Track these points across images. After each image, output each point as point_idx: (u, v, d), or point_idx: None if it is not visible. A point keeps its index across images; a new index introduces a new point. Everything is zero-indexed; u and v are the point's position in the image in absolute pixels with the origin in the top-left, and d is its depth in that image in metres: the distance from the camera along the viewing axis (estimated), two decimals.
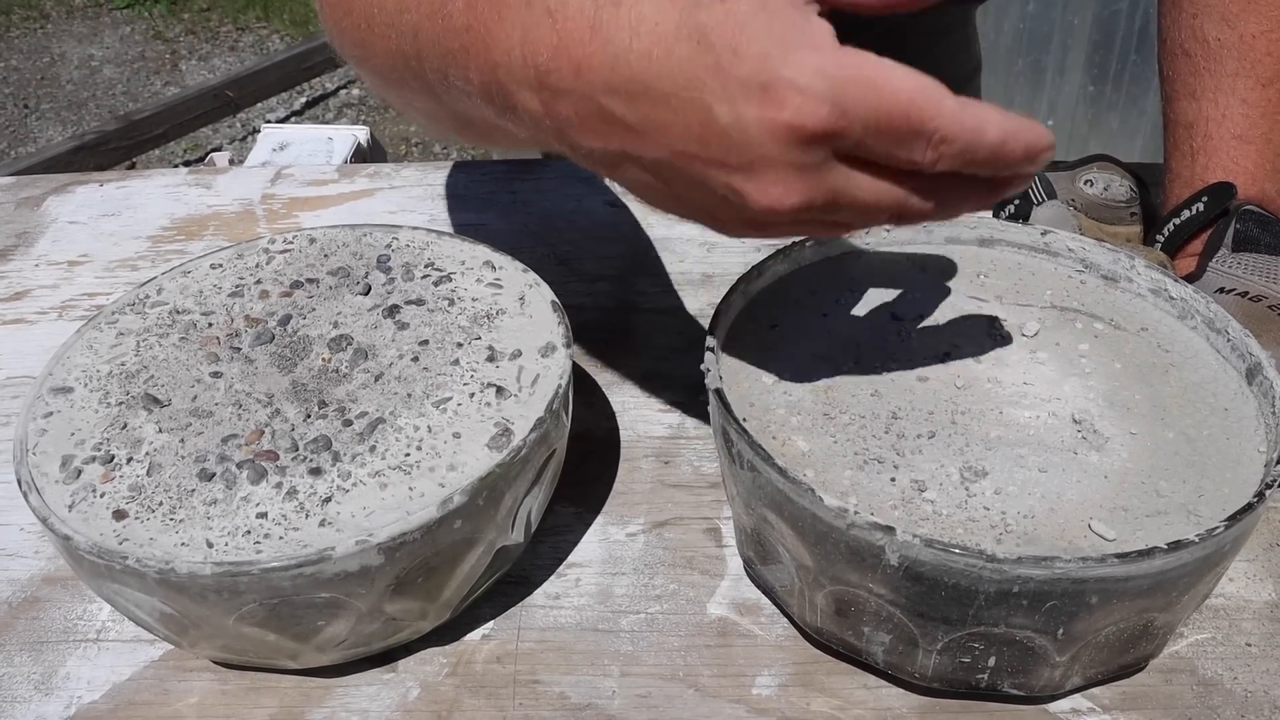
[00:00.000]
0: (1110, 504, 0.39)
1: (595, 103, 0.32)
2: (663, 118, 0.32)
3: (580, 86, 0.32)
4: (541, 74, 0.34)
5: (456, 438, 0.42)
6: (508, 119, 0.37)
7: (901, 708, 0.42)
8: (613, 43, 0.31)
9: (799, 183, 0.32)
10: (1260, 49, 0.56)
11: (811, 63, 0.30)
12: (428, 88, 0.41)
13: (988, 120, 0.32)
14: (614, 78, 0.32)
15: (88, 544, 0.38)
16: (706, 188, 0.33)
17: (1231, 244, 0.54)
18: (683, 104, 0.31)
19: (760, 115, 0.30)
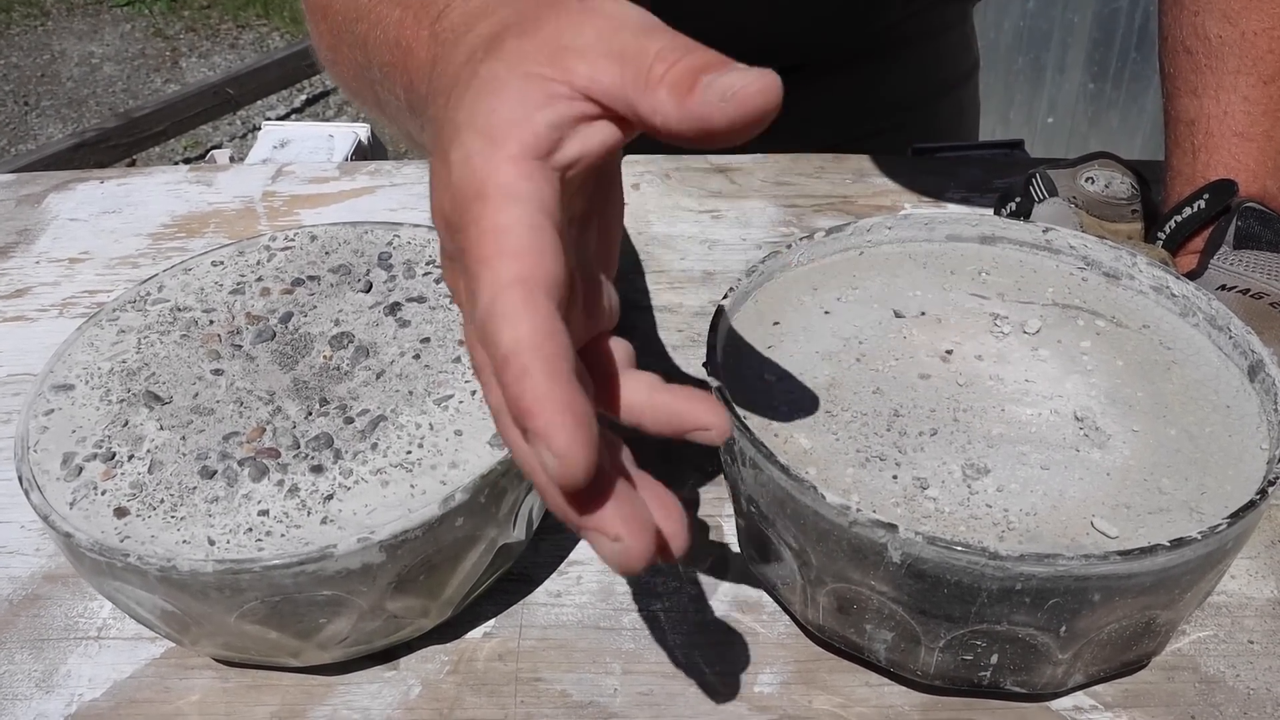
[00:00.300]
0: (1112, 501, 0.39)
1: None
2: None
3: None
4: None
5: (458, 435, 0.42)
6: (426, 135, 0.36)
7: (904, 705, 0.42)
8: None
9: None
10: (1262, 46, 0.56)
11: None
12: (376, 100, 0.40)
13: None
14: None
15: (89, 541, 0.38)
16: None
17: (1233, 241, 0.54)
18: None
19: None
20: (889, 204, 0.72)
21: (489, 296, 0.25)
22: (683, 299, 0.64)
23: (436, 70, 0.32)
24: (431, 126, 0.31)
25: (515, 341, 0.24)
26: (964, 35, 0.91)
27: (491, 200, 0.26)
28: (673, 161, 0.76)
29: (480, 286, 0.25)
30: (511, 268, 0.25)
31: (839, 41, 0.80)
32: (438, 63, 0.32)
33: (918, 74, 0.86)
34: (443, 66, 0.31)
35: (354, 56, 0.41)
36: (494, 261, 0.25)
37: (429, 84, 0.32)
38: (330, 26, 0.44)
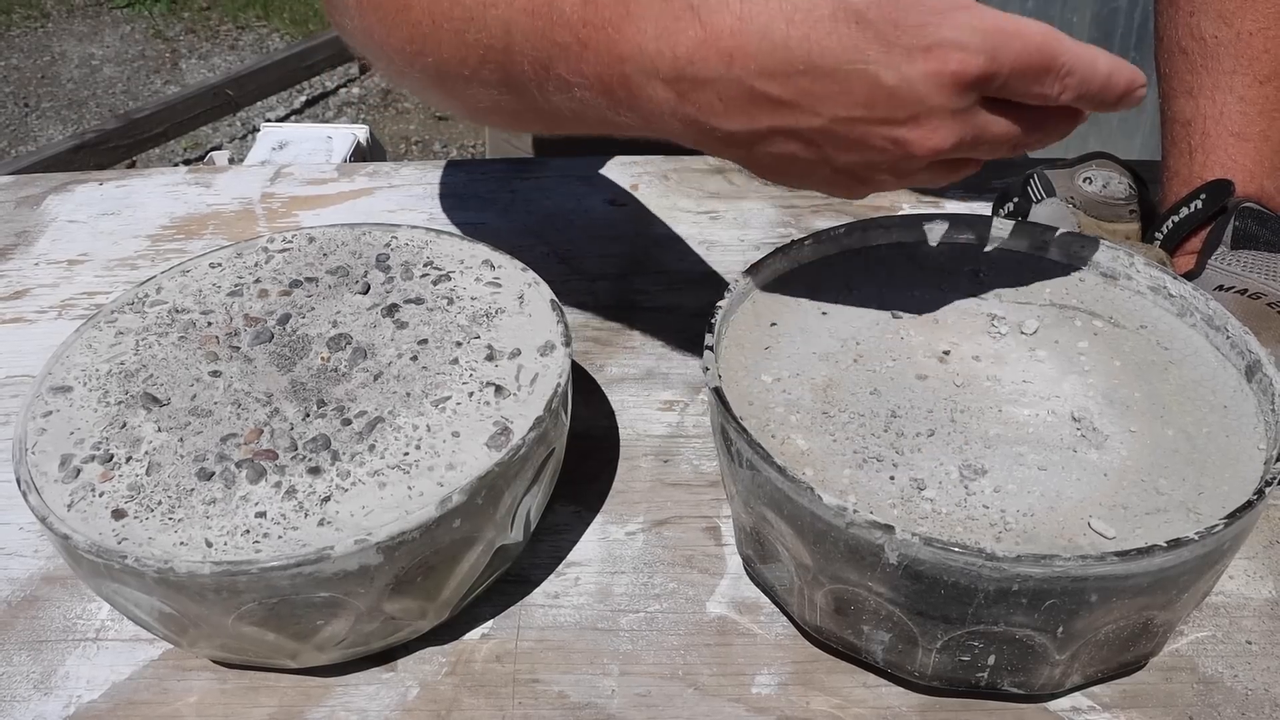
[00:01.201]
0: (1110, 502, 0.39)
1: (746, 86, 0.36)
2: (826, 90, 0.36)
3: (732, 72, 0.36)
4: (681, 65, 0.37)
5: (455, 437, 0.42)
6: (623, 112, 0.40)
7: (901, 706, 0.42)
8: (768, 31, 0.35)
9: (956, 126, 0.37)
10: (1257, 46, 0.56)
11: (965, 21, 0.35)
12: (512, 81, 0.43)
13: (1098, 55, 0.37)
14: (770, 61, 0.36)
15: (87, 543, 0.38)
16: (865, 145, 0.38)
17: (1230, 241, 0.54)
18: (847, 75, 0.36)
19: (926, 72, 0.35)
20: (887, 204, 0.72)
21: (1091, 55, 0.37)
22: (681, 300, 0.64)
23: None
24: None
25: (1104, 65, 0.37)
26: None
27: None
28: (671, 163, 0.76)
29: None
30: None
31: None
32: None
33: None
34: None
35: (479, 40, 0.42)
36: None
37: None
38: (423, 16, 0.44)
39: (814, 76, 0.36)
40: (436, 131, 3.14)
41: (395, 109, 3.25)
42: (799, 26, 0.35)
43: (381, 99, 3.30)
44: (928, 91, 0.36)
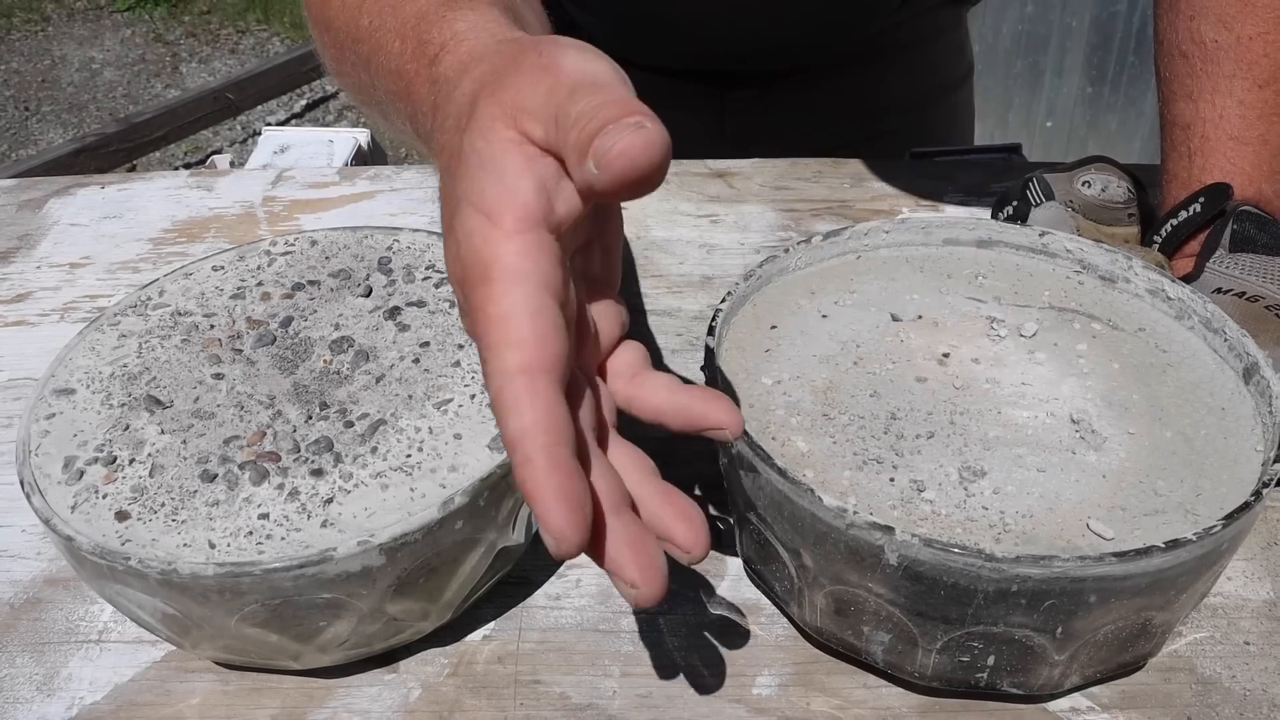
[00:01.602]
0: (1108, 503, 0.39)
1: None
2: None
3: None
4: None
5: (458, 439, 0.43)
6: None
7: (901, 707, 0.42)
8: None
9: None
10: (1257, 50, 0.56)
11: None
12: (382, 114, 0.43)
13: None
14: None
15: (90, 545, 0.38)
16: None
17: (1229, 244, 0.54)
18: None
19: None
20: (887, 208, 0.72)
21: (496, 385, 0.27)
22: (681, 303, 0.64)
23: (438, 118, 0.34)
24: (441, 177, 0.33)
25: (520, 430, 0.27)
26: (958, 40, 0.91)
27: (496, 284, 0.28)
28: (671, 166, 0.77)
29: (489, 372, 0.28)
30: (515, 357, 0.27)
31: (834, 46, 0.80)
32: (438, 111, 0.34)
33: (912, 79, 0.86)
34: (441, 119, 0.33)
35: (358, 74, 0.44)
36: (500, 350, 0.27)
37: (433, 123, 0.34)
38: (334, 40, 0.46)
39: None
40: None
41: None
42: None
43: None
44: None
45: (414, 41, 0.38)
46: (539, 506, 0.26)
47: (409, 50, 0.38)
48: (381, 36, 0.41)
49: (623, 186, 0.27)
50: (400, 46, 0.39)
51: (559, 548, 0.26)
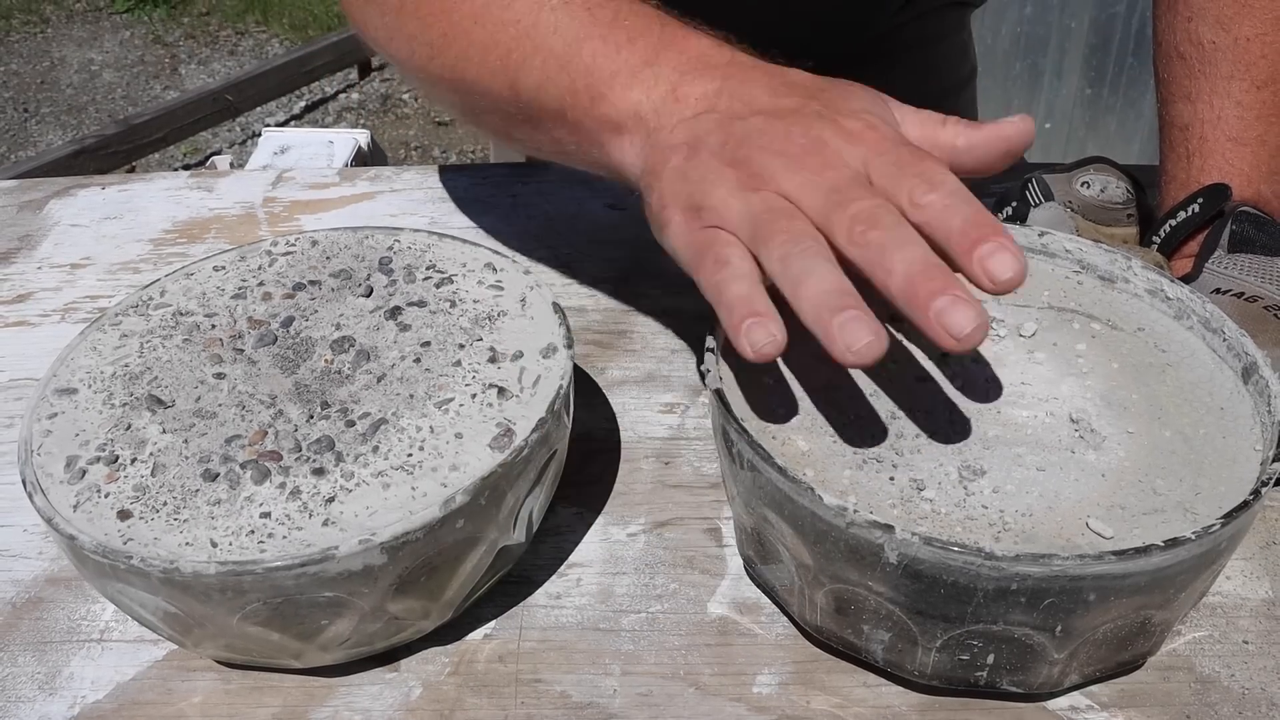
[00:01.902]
0: (1107, 502, 0.39)
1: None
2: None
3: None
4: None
5: (459, 438, 0.43)
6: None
7: (901, 705, 0.43)
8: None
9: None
10: (1255, 52, 0.56)
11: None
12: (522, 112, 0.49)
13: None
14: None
15: (92, 544, 0.38)
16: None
17: (1227, 245, 0.54)
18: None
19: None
20: None
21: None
22: (682, 303, 0.64)
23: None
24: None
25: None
26: (962, 42, 0.91)
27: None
28: None
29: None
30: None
31: (837, 47, 0.80)
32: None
33: (916, 81, 0.86)
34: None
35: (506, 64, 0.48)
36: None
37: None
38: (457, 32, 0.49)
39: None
40: (436, 137, 3.14)
41: (395, 114, 3.26)
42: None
43: (381, 104, 3.31)
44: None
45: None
46: (1000, 238, 0.36)
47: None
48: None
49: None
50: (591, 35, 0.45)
51: (1020, 265, 0.36)
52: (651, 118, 0.44)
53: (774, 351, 0.36)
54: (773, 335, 0.36)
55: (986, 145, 0.42)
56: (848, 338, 0.35)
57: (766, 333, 0.36)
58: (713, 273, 0.39)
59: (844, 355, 0.35)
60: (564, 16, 0.46)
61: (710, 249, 0.40)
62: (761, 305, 0.37)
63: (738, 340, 0.37)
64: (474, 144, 3.07)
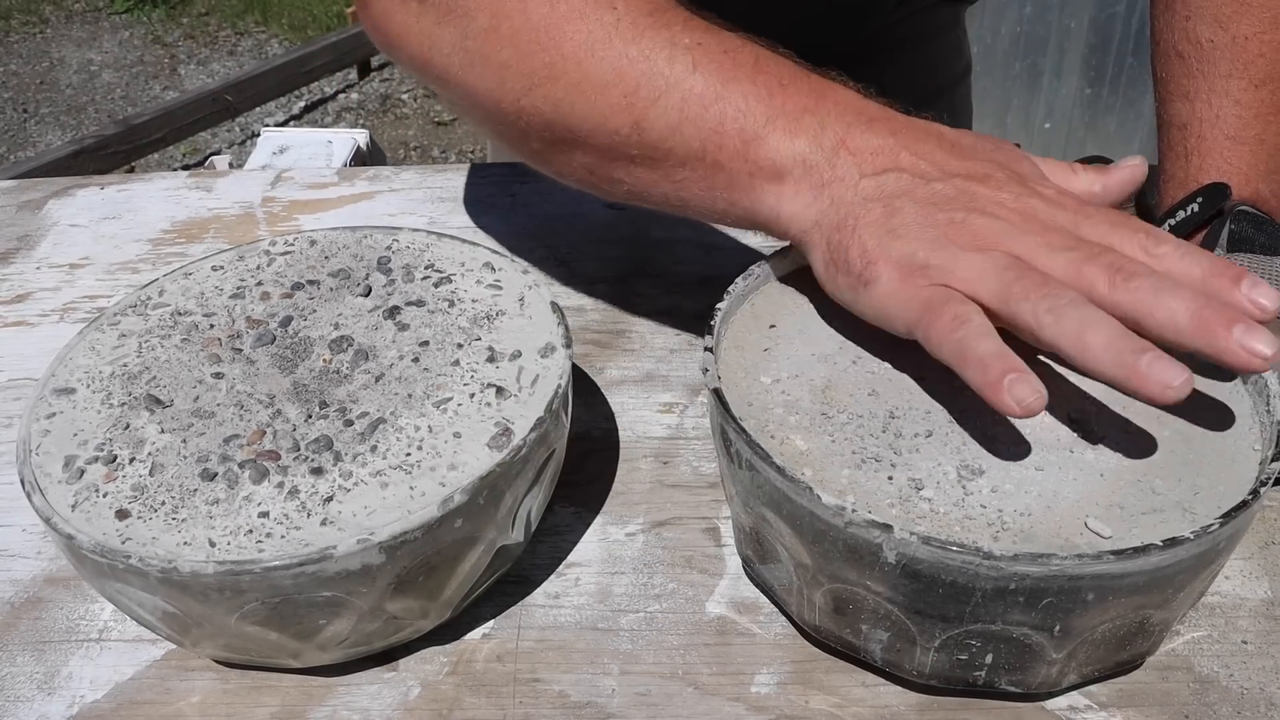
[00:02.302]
0: (1106, 501, 0.39)
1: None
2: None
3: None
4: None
5: (457, 437, 0.43)
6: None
7: (899, 705, 0.42)
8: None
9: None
10: (1253, 50, 0.56)
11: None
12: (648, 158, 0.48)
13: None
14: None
15: (91, 543, 0.38)
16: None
17: (1226, 244, 0.54)
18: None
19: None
20: None
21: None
22: (680, 302, 0.64)
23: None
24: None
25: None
26: (956, 38, 0.91)
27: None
28: None
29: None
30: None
31: (830, 44, 0.80)
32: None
33: (910, 77, 0.86)
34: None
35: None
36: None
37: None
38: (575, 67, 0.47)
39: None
40: (435, 137, 3.14)
41: (394, 115, 3.26)
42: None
43: (380, 104, 3.31)
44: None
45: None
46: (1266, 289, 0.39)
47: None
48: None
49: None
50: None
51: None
52: (825, 168, 0.44)
53: (1040, 407, 0.37)
54: (1038, 391, 0.37)
55: (1120, 187, 0.47)
56: (1164, 376, 0.36)
57: (1032, 388, 0.37)
58: (951, 330, 0.39)
59: (1163, 393, 0.36)
60: (702, 56, 0.45)
61: (945, 307, 0.40)
62: (1017, 361, 0.38)
63: (1000, 396, 0.37)
64: (473, 144, 3.07)
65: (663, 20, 0.46)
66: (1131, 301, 0.38)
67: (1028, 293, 0.39)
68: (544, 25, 0.46)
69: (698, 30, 0.46)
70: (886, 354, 0.46)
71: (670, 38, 0.45)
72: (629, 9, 0.46)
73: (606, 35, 0.46)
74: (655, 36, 0.45)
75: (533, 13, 0.46)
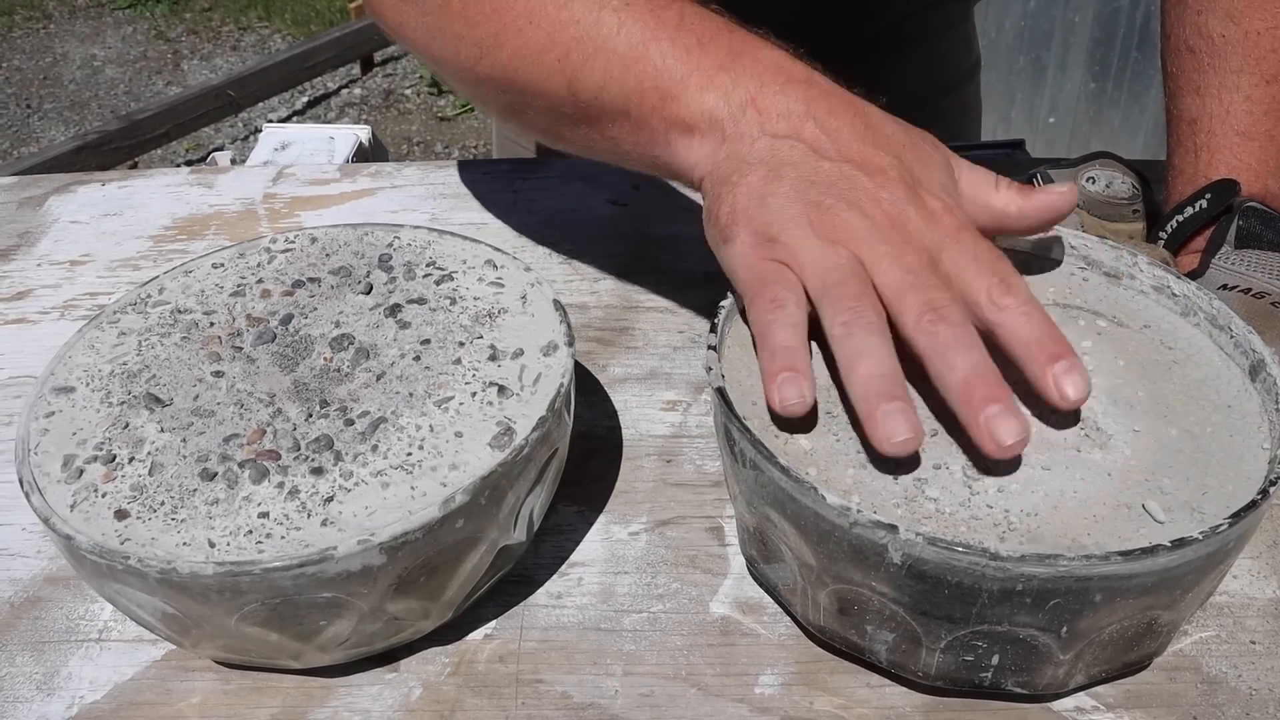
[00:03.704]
0: (1113, 501, 0.39)
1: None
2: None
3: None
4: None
5: (458, 437, 0.42)
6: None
7: (905, 706, 0.42)
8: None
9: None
10: (1265, 45, 0.56)
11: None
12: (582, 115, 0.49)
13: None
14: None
15: (89, 544, 0.38)
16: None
17: (1235, 241, 0.54)
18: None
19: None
20: None
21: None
22: (684, 300, 0.64)
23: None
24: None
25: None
26: (965, 34, 0.91)
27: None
28: None
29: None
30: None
31: (839, 41, 0.80)
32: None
33: (919, 73, 0.86)
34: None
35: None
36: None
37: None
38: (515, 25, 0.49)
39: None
40: (438, 133, 3.14)
41: (397, 110, 3.26)
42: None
43: (383, 100, 3.30)
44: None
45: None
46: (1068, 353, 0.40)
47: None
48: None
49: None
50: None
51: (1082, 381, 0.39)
52: (729, 123, 0.44)
53: (801, 411, 0.39)
54: (803, 396, 0.38)
55: (1037, 213, 0.45)
56: (889, 429, 0.37)
57: (798, 391, 0.38)
58: (766, 309, 0.41)
59: (881, 444, 0.37)
60: (627, 17, 0.46)
61: (771, 285, 0.41)
62: (801, 362, 0.39)
63: (769, 387, 0.39)
64: (476, 139, 3.07)
65: None
66: (926, 345, 0.39)
67: (837, 300, 0.40)
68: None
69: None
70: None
71: (600, 1, 0.47)
72: None
73: (543, 2, 0.47)
74: (586, 1, 0.47)
75: None
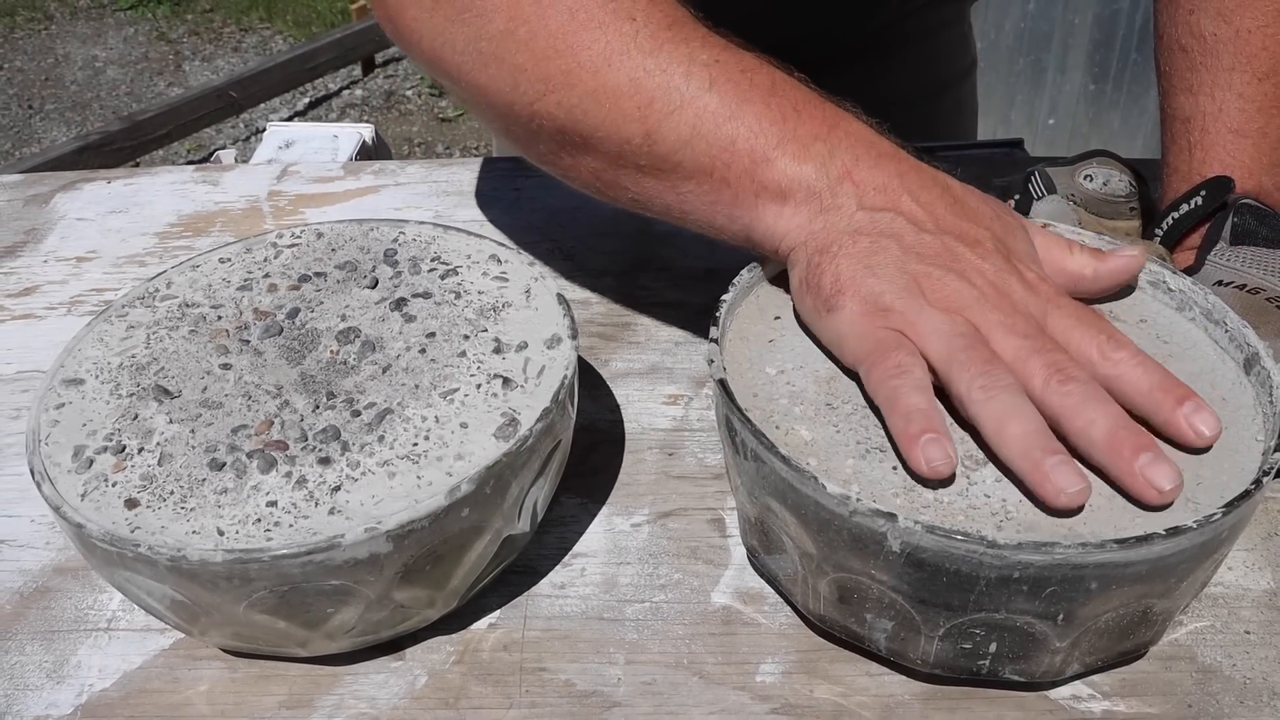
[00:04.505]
0: (1110, 490, 0.39)
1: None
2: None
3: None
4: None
5: (464, 428, 0.43)
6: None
7: (904, 694, 0.43)
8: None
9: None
10: (1256, 43, 0.56)
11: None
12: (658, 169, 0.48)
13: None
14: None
15: (100, 532, 0.39)
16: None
17: (1229, 237, 0.54)
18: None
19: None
20: None
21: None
22: (685, 295, 0.65)
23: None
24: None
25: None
26: (962, 34, 0.91)
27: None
28: None
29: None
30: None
31: (836, 39, 0.81)
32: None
33: (915, 72, 0.86)
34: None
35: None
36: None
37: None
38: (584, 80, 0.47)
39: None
40: (439, 133, 3.15)
41: (398, 111, 3.26)
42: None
43: (384, 101, 3.31)
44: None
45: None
46: (1196, 399, 0.41)
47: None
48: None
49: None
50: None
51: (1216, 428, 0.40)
52: (826, 195, 0.45)
53: (948, 472, 0.38)
54: (949, 456, 0.38)
55: (1111, 275, 0.46)
56: (1061, 482, 0.37)
57: (944, 452, 0.38)
58: (890, 376, 0.41)
59: (1057, 498, 0.37)
60: (719, 74, 0.45)
61: (893, 351, 0.41)
62: (939, 424, 0.39)
63: (912, 451, 0.39)
64: (477, 140, 3.07)
65: (681, 35, 0.46)
66: (1059, 404, 0.39)
67: (969, 365, 0.40)
68: (561, 33, 0.46)
69: (715, 48, 0.46)
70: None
71: (689, 53, 0.46)
72: (648, 21, 0.46)
73: (624, 46, 0.46)
74: (674, 51, 0.46)
75: (550, 19, 0.47)
